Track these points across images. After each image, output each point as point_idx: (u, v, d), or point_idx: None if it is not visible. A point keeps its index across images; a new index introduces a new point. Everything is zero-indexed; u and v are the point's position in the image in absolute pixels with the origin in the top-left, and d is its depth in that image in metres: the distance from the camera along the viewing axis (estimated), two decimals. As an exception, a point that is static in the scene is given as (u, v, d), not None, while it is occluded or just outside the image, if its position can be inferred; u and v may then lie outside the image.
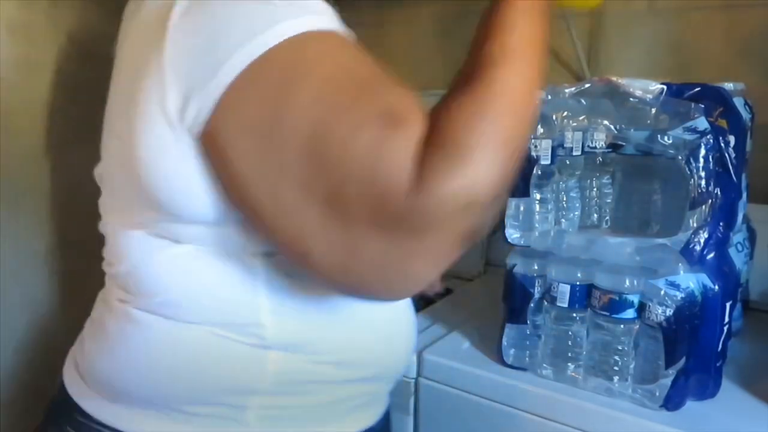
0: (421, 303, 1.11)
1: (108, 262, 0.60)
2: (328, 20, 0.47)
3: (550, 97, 0.74)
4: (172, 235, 0.53)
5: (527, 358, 0.76)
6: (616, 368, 0.69)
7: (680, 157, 0.66)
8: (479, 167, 0.40)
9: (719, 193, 0.66)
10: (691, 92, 0.69)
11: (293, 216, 0.44)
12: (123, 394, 0.56)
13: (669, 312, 0.65)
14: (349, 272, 0.45)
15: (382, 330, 0.60)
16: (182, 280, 0.53)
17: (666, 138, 0.67)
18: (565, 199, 0.75)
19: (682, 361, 0.66)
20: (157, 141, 0.48)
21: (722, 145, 0.67)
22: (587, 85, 0.73)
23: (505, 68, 0.45)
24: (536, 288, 0.75)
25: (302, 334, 0.55)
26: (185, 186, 0.49)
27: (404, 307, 0.63)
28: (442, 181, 0.40)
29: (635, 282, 0.67)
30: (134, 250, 0.55)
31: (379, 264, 0.43)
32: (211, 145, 0.47)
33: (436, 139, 0.41)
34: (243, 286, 0.53)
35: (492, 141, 0.41)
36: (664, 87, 0.68)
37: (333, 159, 0.42)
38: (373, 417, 0.63)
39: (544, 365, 0.75)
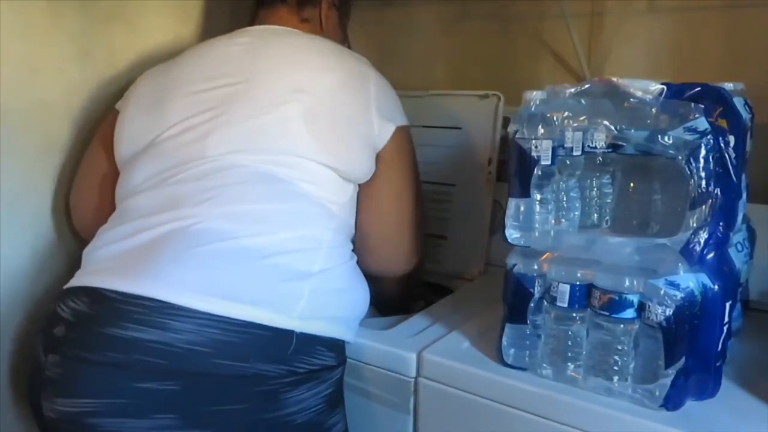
0: (422, 303, 1.11)
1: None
2: None
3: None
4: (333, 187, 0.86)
5: (527, 358, 0.76)
6: (615, 368, 0.69)
7: (680, 158, 0.66)
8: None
9: (719, 193, 0.66)
10: (691, 92, 0.69)
11: (405, 200, 0.92)
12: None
13: (669, 312, 0.65)
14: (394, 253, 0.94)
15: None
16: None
17: (666, 138, 0.67)
18: (565, 199, 0.75)
19: (682, 361, 0.66)
20: (355, 130, 0.86)
21: (722, 145, 0.67)
22: (587, 85, 0.73)
23: None
24: (536, 288, 0.75)
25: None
26: (359, 160, 0.87)
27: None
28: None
29: (635, 282, 0.67)
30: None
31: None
32: (384, 149, 0.89)
33: None
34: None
35: None
36: (664, 87, 0.68)
37: (420, 198, 0.96)
38: (352, 336, 0.87)
39: (544, 365, 0.75)
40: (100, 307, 0.74)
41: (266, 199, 0.79)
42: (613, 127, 0.70)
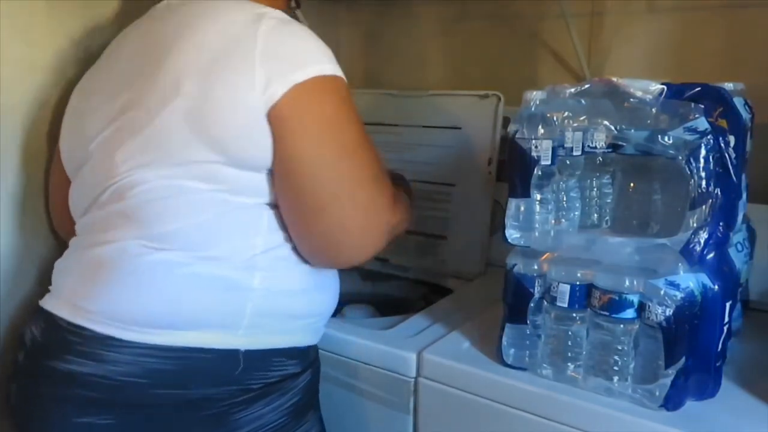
0: (422, 303, 1.11)
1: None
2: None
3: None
4: (222, 181, 0.73)
5: (527, 358, 0.76)
6: (615, 368, 0.69)
7: (680, 158, 0.66)
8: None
9: (719, 193, 0.66)
10: (691, 92, 0.69)
11: (329, 181, 0.72)
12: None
13: (669, 312, 0.65)
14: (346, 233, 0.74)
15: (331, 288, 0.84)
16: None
17: (666, 138, 0.67)
18: (565, 199, 0.75)
19: (682, 361, 0.66)
20: (239, 107, 0.70)
21: (722, 145, 0.67)
22: (587, 85, 0.73)
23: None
24: (536, 288, 0.75)
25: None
26: (251, 141, 0.71)
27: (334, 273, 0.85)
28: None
29: (635, 282, 0.67)
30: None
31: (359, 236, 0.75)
32: (277, 117, 0.70)
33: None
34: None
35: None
36: (664, 87, 0.68)
37: (368, 168, 0.74)
38: (316, 338, 0.84)
39: (544, 365, 0.75)
40: (50, 336, 0.73)
41: (183, 215, 0.72)
42: (613, 127, 0.70)
